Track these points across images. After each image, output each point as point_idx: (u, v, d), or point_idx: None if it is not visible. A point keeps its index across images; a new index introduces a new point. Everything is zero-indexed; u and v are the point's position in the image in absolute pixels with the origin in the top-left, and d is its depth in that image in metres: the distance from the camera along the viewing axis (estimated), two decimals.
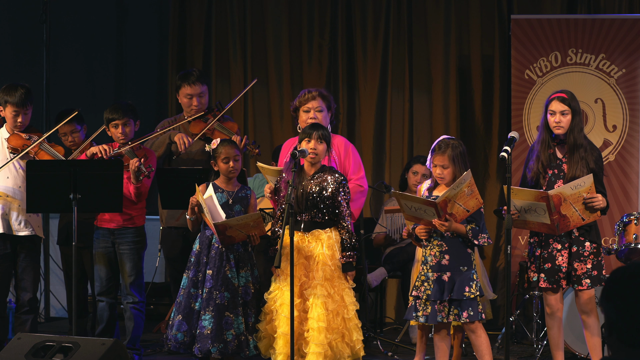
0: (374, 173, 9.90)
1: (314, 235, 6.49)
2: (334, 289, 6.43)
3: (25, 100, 7.40)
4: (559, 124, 6.54)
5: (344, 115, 10.02)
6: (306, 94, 7.13)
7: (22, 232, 7.37)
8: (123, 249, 7.39)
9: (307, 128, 6.57)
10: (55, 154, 7.36)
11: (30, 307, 7.45)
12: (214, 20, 10.21)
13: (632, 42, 8.90)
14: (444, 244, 6.38)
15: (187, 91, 7.92)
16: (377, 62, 9.97)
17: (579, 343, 7.50)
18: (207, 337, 6.58)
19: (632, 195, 8.86)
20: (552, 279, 6.55)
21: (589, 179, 6.33)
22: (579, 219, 6.40)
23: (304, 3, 10.08)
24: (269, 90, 10.15)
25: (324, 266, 6.41)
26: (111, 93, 10.55)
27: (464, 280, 6.34)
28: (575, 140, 6.53)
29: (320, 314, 6.32)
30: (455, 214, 6.25)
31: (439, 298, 6.33)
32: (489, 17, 9.75)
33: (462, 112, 9.82)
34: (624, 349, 2.82)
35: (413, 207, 6.36)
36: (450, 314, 6.33)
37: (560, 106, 6.55)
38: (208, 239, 6.78)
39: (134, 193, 7.28)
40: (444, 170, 6.43)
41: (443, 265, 6.37)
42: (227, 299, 6.66)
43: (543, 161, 6.59)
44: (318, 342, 6.30)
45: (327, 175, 6.51)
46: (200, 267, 6.75)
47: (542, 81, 9.00)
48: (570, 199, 6.32)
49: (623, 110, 8.93)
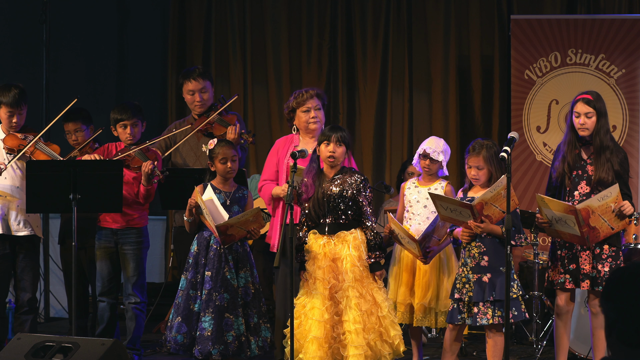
0: (374, 173, 9.90)
1: (340, 237, 6.47)
2: (365, 289, 6.42)
3: (19, 101, 7.39)
4: (584, 126, 6.50)
5: (344, 115, 10.03)
6: (303, 94, 7.11)
7: (21, 232, 7.37)
8: (126, 249, 7.39)
9: (326, 130, 6.54)
10: (51, 153, 7.34)
11: (29, 307, 7.44)
12: (213, 20, 10.22)
13: (632, 42, 8.91)
14: (482, 245, 6.36)
15: (189, 87, 7.91)
16: (377, 62, 9.97)
17: (579, 343, 7.50)
18: (207, 338, 6.57)
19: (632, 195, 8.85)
20: (576, 280, 6.53)
21: (615, 189, 6.27)
22: (609, 229, 6.35)
23: (303, 3, 10.08)
24: (268, 91, 10.15)
25: (353, 267, 6.40)
26: (112, 93, 10.55)
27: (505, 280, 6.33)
28: (602, 142, 6.48)
29: (355, 316, 6.31)
30: (491, 215, 6.24)
31: (480, 299, 6.30)
32: (489, 17, 9.76)
33: (462, 112, 9.83)
34: (623, 349, 2.82)
35: (449, 208, 6.35)
36: (495, 315, 6.30)
37: (585, 108, 6.50)
38: (206, 240, 6.77)
39: (143, 195, 7.28)
40: (479, 171, 6.41)
41: (483, 266, 6.34)
42: (226, 300, 6.65)
43: (570, 162, 6.55)
44: (357, 344, 6.29)
45: (347, 177, 6.50)
46: (199, 269, 6.73)
47: (542, 81, 9.00)
48: (598, 211, 6.26)
49: (623, 111, 8.93)
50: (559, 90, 8.78)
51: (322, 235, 6.46)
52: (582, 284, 6.51)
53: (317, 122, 7.02)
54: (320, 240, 6.43)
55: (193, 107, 7.94)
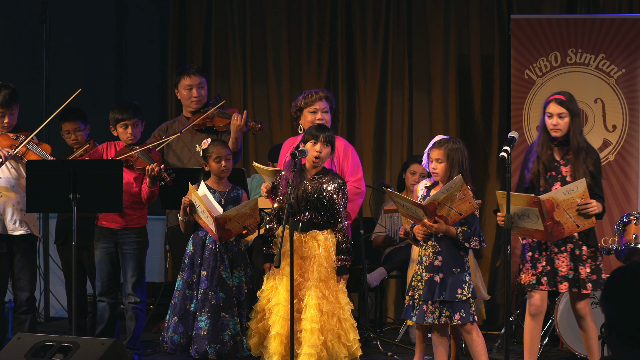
0: (374, 173, 9.90)
1: (311, 235, 6.48)
2: (329, 290, 6.42)
3: (9, 101, 7.39)
4: (557, 127, 6.45)
5: (344, 115, 10.03)
6: (313, 95, 7.12)
7: (18, 232, 7.36)
8: (126, 249, 7.39)
9: (313, 130, 6.54)
10: (42, 153, 7.33)
11: (28, 306, 7.44)
12: (213, 19, 10.22)
13: (632, 42, 8.90)
14: (437, 245, 6.38)
15: (186, 82, 7.86)
16: (377, 62, 9.97)
17: (579, 343, 7.50)
18: (203, 338, 6.57)
19: (632, 195, 8.86)
20: (552, 281, 6.46)
21: (581, 184, 6.20)
22: (574, 226, 6.29)
23: (303, 3, 10.08)
24: (268, 90, 10.14)
25: (319, 267, 6.41)
26: (111, 93, 10.55)
27: (456, 282, 6.33)
28: (579, 144, 6.44)
29: (313, 315, 6.31)
30: (447, 216, 6.25)
31: (429, 299, 6.33)
32: (489, 17, 9.76)
33: (462, 112, 9.82)
34: (624, 349, 2.82)
35: (404, 205, 6.37)
36: (442, 315, 6.32)
37: (558, 109, 6.45)
38: (201, 239, 6.76)
39: (147, 196, 7.27)
40: (438, 164, 6.41)
41: (436, 266, 6.36)
42: (222, 299, 6.65)
43: (545, 162, 6.50)
44: (310, 344, 6.29)
45: (326, 178, 6.51)
46: (195, 268, 6.72)
47: (542, 81, 9.00)
48: (563, 205, 6.20)
49: (623, 110, 8.93)
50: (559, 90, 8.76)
51: (295, 231, 6.44)
52: (560, 286, 6.44)
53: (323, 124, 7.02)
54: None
55: (189, 103, 7.87)
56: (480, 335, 6.42)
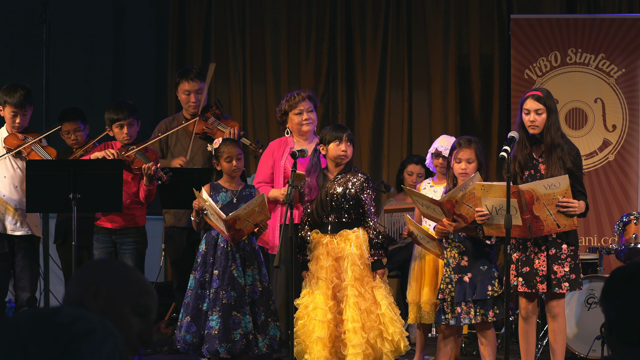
0: (373, 172, 9.89)
1: (342, 236, 6.50)
2: (364, 287, 6.44)
3: (24, 102, 7.40)
4: (534, 123, 6.33)
5: (343, 114, 10.02)
6: (296, 97, 7.13)
7: (19, 232, 7.36)
8: (125, 249, 7.40)
9: (332, 131, 6.56)
10: (45, 156, 7.34)
11: (28, 306, 7.44)
12: (213, 19, 10.21)
13: (632, 41, 8.90)
14: (462, 245, 6.39)
15: (185, 87, 7.90)
16: (376, 61, 9.97)
17: (578, 342, 7.50)
18: (214, 337, 6.57)
19: (632, 195, 8.87)
20: (530, 283, 6.35)
21: (564, 181, 6.08)
22: (554, 225, 6.16)
23: (303, 2, 10.08)
24: (266, 90, 10.14)
25: (353, 266, 6.42)
26: (110, 93, 10.54)
27: (485, 279, 6.34)
28: (553, 140, 6.31)
29: (353, 315, 6.34)
30: (464, 214, 6.24)
31: (462, 299, 6.32)
32: (489, 16, 9.76)
33: (462, 111, 9.83)
34: (624, 349, 2.82)
35: (423, 204, 6.36)
36: (478, 314, 6.31)
37: (535, 105, 6.33)
38: (214, 239, 6.77)
39: (144, 195, 7.28)
40: (469, 164, 6.41)
41: (463, 266, 6.37)
42: (233, 298, 6.65)
43: (520, 161, 6.41)
44: (355, 343, 6.32)
45: (349, 176, 6.53)
46: (207, 268, 6.73)
47: (542, 81, 9.00)
48: (543, 199, 6.07)
49: (623, 110, 8.93)
50: (558, 90, 8.75)
51: (325, 234, 6.47)
52: (539, 286, 6.34)
53: (309, 123, 7.06)
54: (323, 240, 6.45)
55: (187, 107, 7.93)
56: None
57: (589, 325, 7.51)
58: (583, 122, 8.96)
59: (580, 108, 9.01)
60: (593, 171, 8.89)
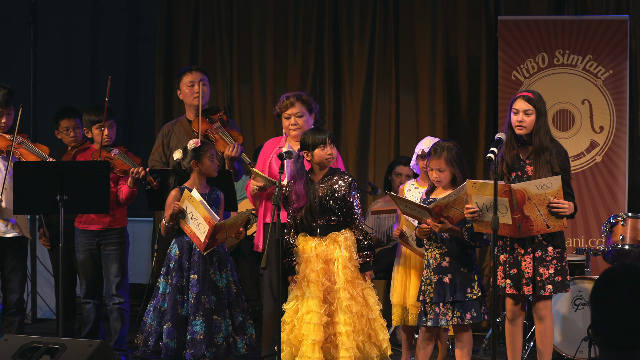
0: (359, 174, 9.88)
1: (331, 238, 6.48)
2: (356, 290, 6.45)
3: (7, 101, 7.38)
4: (522, 124, 6.33)
5: (330, 115, 10.01)
6: (284, 101, 7.03)
7: (9, 234, 7.35)
8: (109, 250, 7.40)
9: (315, 135, 6.50)
10: (40, 154, 7.33)
11: (17, 308, 7.43)
12: (200, 20, 10.19)
13: (619, 43, 8.91)
14: (444, 246, 6.39)
15: (189, 78, 7.71)
16: (363, 63, 9.96)
17: (565, 344, 7.52)
18: (200, 342, 6.53)
19: (619, 197, 8.88)
20: (517, 285, 6.36)
21: (556, 182, 6.09)
22: (543, 225, 6.17)
23: (290, 3, 10.07)
24: (252, 91, 10.11)
25: (345, 269, 6.41)
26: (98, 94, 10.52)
27: (465, 281, 6.34)
28: (541, 143, 6.31)
29: (346, 318, 6.34)
30: (451, 216, 6.25)
31: (441, 300, 6.33)
32: (476, 17, 9.75)
33: (449, 113, 9.82)
34: (610, 352, 2.82)
35: (408, 206, 6.37)
36: (454, 316, 6.32)
37: (525, 105, 6.34)
38: (188, 243, 6.71)
39: (126, 196, 7.30)
40: (440, 173, 6.41)
41: (443, 267, 6.37)
42: (214, 302, 6.63)
43: (508, 162, 6.41)
44: (348, 347, 6.32)
45: (335, 177, 6.52)
46: (183, 273, 6.68)
47: (529, 82, 9.01)
48: (534, 199, 6.09)
49: (610, 112, 8.94)
50: (546, 91, 8.73)
51: (313, 237, 6.46)
52: (525, 288, 6.34)
53: (296, 129, 6.96)
54: (311, 243, 6.44)
55: (192, 100, 7.70)
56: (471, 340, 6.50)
57: (576, 326, 7.53)
58: (570, 123, 8.97)
59: (567, 109, 9.03)
60: (580, 173, 8.90)
